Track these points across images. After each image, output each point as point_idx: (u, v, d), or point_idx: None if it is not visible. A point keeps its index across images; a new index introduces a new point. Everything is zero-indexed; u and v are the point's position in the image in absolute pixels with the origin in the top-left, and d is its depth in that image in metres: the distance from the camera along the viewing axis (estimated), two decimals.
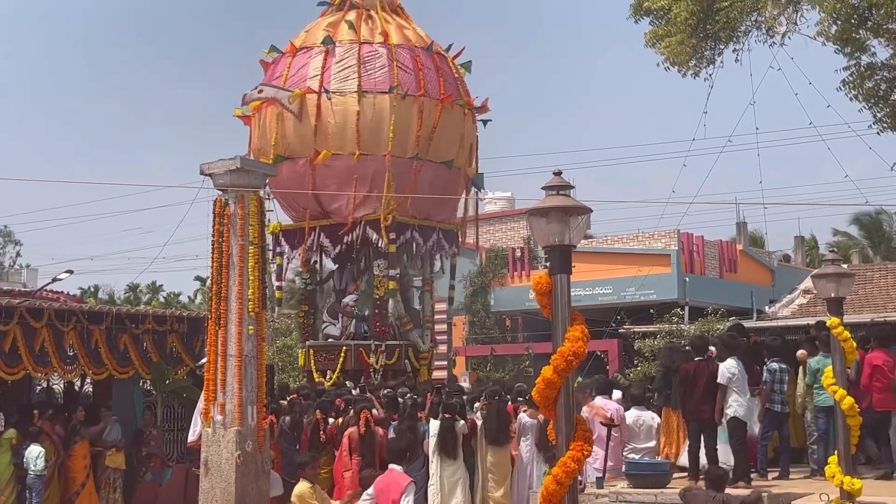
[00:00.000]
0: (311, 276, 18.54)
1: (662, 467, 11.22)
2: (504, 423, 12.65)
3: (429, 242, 17.93)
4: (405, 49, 17.38)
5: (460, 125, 17.76)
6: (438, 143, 16.99)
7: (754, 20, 13.72)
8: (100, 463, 14.85)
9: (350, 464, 13.02)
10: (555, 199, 5.09)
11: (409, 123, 16.79)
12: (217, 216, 12.93)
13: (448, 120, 17.40)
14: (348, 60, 17.11)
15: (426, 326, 18.44)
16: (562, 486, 4.75)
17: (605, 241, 28.17)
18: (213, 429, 12.50)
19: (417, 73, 17.13)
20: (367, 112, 16.77)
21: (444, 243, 18.39)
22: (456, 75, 18.08)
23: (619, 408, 12.43)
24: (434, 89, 17.25)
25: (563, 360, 4.85)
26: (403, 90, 16.86)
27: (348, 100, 16.80)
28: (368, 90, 16.82)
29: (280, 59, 17.82)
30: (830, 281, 9.13)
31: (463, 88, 18.10)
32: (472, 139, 18.37)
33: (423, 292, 18.74)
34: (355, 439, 13.03)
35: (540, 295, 5.14)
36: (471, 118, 18.28)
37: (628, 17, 14.40)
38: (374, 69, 17.04)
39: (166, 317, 16.12)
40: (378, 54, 17.13)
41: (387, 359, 17.51)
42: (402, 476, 9.46)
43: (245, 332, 12.61)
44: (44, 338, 14.19)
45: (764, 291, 29.63)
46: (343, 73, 17.00)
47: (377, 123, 16.69)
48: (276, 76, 17.62)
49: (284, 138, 17.05)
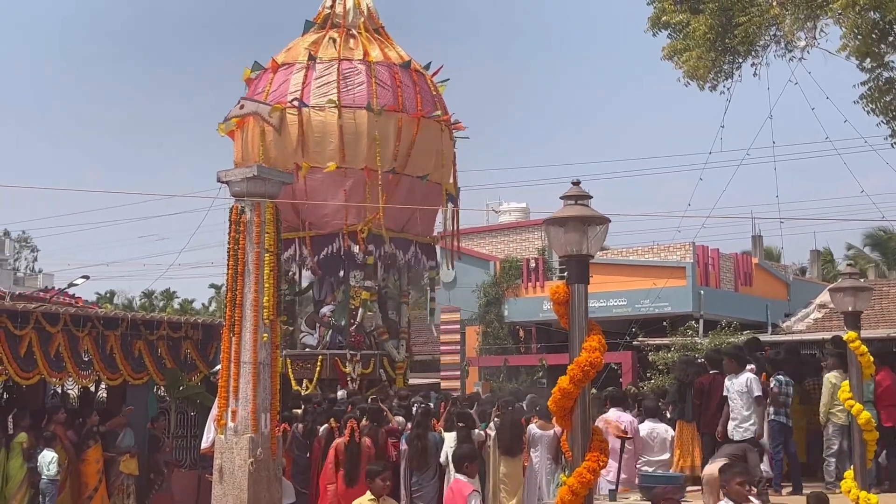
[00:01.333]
0: (290, 287, 18.79)
1: (677, 480, 11.15)
2: (517, 433, 12.61)
3: (406, 255, 18.14)
4: (384, 66, 17.77)
5: (437, 141, 18.12)
6: (416, 157, 17.33)
7: (773, 34, 13.71)
8: (113, 468, 14.87)
9: (334, 477, 12.89)
10: (573, 209, 5.07)
11: (387, 138, 17.16)
12: (233, 223, 12.96)
13: (425, 135, 17.76)
14: (328, 77, 17.50)
15: (402, 337, 18.66)
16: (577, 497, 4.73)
17: (620, 252, 28.08)
18: (226, 436, 12.50)
19: (396, 89, 17.55)
20: (347, 126, 17.16)
21: (423, 257, 18.62)
22: (434, 93, 18.45)
23: (632, 420, 12.40)
24: (411, 105, 17.62)
25: (580, 370, 4.83)
26: (381, 105, 17.14)
27: (328, 114, 17.18)
28: (347, 105, 17.20)
29: (262, 75, 18.27)
30: (848, 295, 9.09)
31: (441, 105, 18.42)
32: (450, 155, 18.72)
33: (400, 304, 18.94)
34: (342, 451, 12.90)
35: (557, 304, 5.12)
36: (448, 135, 18.56)
37: (646, 30, 14.42)
38: (353, 85, 17.43)
39: (181, 323, 16.15)
40: (357, 71, 17.54)
41: (363, 368, 17.72)
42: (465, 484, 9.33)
43: (259, 340, 12.62)
44: (59, 342, 14.23)
45: (779, 305, 29.50)
46: (323, 88, 17.40)
47: (356, 138, 17.06)
48: (258, 92, 18.00)
49: (266, 152, 17.40)
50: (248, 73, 18.34)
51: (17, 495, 13.80)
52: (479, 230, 31.39)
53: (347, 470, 12.70)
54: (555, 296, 5.15)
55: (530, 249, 29.90)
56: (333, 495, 12.74)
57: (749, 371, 11.18)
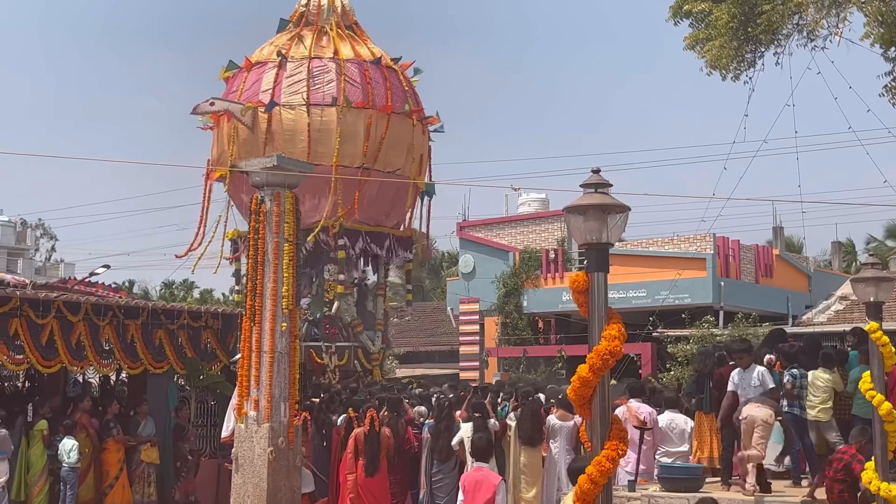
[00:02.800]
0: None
1: (696, 471, 11.12)
2: (538, 423, 12.61)
3: (382, 249, 18.32)
4: (354, 63, 17.94)
5: (409, 136, 18.22)
6: (386, 153, 17.51)
7: (796, 23, 13.60)
8: (134, 457, 14.96)
9: (354, 466, 12.91)
10: (593, 197, 5.04)
11: (356, 134, 17.31)
12: (253, 213, 13.01)
13: (396, 131, 17.89)
14: (298, 75, 17.69)
15: (378, 329, 18.85)
16: (596, 486, 4.71)
17: (640, 243, 27.95)
18: (245, 424, 12.56)
19: (366, 86, 17.71)
20: (316, 124, 17.35)
21: (399, 250, 18.81)
22: (406, 87, 18.56)
23: (651, 411, 12.37)
24: (382, 101, 17.78)
25: (600, 359, 4.80)
26: (350, 102, 17.41)
27: (298, 112, 17.39)
28: (316, 103, 17.42)
29: (238, 73, 18.50)
30: (870, 285, 9.00)
31: (413, 100, 18.55)
32: (422, 150, 18.86)
33: (376, 296, 19.14)
34: (361, 441, 12.90)
35: (577, 293, 5.10)
36: (420, 129, 18.63)
37: (667, 19, 14.34)
38: (323, 83, 17.63)
39: (201, 313, 16.23)
40: (327, 69, 17.72)
41: (338, 360, 17.93)
42: (492, 474, 9.29)
43: (278, 329, 12.66)
44: (80, 331, 14.32)
45: (800, 297, 29.32)
46: (293, 86, 17.61)
47: (325, 135, 17.23)
48: (233, 90, 18.27)
49: (240, 148, 17.67)
50: (224, 71, 18.62)
51: (38, 482, 13.92)
52: (498, 221, 31.31)
53: (367, 459, 12.73)
54: (574, 284, 5.12)
55: (549, 240, 29.80)
56: (353, 485, 12.77)
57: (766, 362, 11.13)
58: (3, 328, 13.44)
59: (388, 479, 12.92)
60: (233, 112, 17.38)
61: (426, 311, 38.76)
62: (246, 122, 17.35)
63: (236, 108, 17.37)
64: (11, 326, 13.50)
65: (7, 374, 18.90)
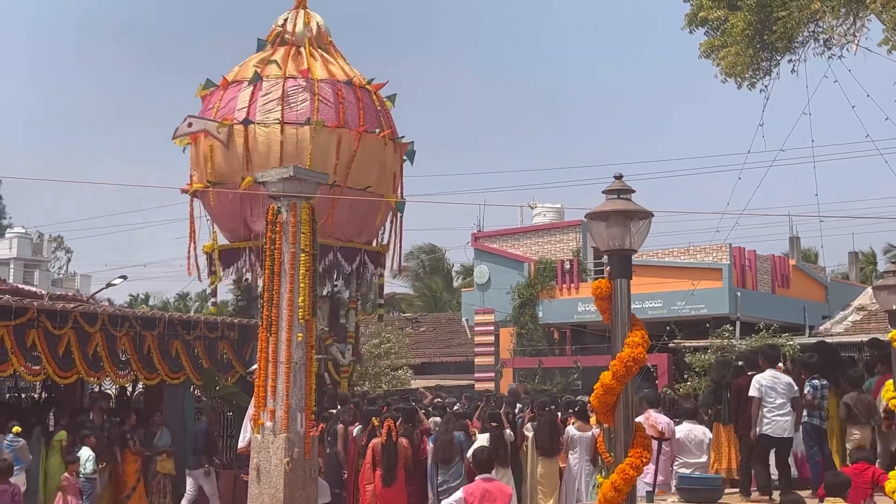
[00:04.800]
0: (243, 293, 19.10)
1: (715, 482, 11.05)
2: (555, 434, 12.56)
3: (353, 263, 18.47)
4: (328, 83, 18.18)
5: (380, 154, 18.45)
6: (357, 171, 17.70)
7: (812, 31, 13.56)
8: (151, 468, 14.96)
9: (373, 476, 12.89)
10: (615, 203, 5.00)
11: (328, 153, 17.51)
12: (269, 223, 13.01)
13: (367, 149, 18.10)
14: (273, 94, 17.94)
15: (349, 341, 18.95)
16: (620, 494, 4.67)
17: (655, 254, 27.88)
18: (262, 435, 12.53)
19: (338, 105, 17.94)
20: (289, 142, 17.56)
21: (370, 265, 18.93)
22: (379, 107, 18.81)
23: (669, 421, 12.30)
24: (353, 121, 18.01)
25: (623, 366, 4.77)
26: (322, 122, 17.65)
27: (271, 130, 17.63)
28: (290, 122, 17.66)
29: (214, 92, 18.78)
30: (892, 293, 8.94)
31: (386, 120, 18.82)
32: (394, 167, 19.08)
33: (348, 309, 19.25)
34: (378, 451, 12.89)
35: (599, 300, 5.06)
36: (392, 148, 18.86)
37: (683, 26, 14.31)
38: (297, 102, 17.89)
39: (217, 323, 16.23)
40: (301, 88, 17.98)
41: None
42: (503, 485, 9.24)
43: (294, 339, 12.64)
44: (97, 342, 14.33)
45: (817, 307, 29.18)
46: (268, 105, 17.87)
47: (298, 153, 17.43)
48: (209, 108, 18.54)
49: (216, 166, 17.94)
50: (202, 89, 18.85)
51: (57, 493, 13.91)
52: (512, 231, 31.29)
53: (385, 470, 12.70)
54: (597, 291, 5.08)
55: (564, 251, 29.75)
56: (372, 495, 12.75)
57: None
58: (21, 339, 13.45)
59: (405, 490, 12.88)
60: (209, 130, 17.72)
61: (441, 321, 38.75)
62: (221, 139, 17.63)
63: (212, 126, 17.76)
64: (29, 337, 13.52)
65: (24, 385, 18.97)
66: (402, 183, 19.50)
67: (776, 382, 10.72)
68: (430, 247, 47.51)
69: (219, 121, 17.74)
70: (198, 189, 18.18)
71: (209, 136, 17.79)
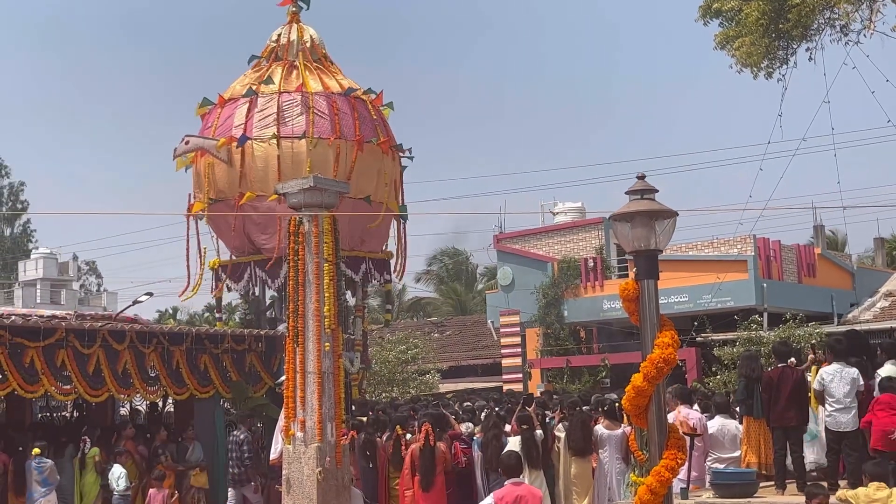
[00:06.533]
0: (251, 306, 19.24)
1: (749, 476, 10.97)
2: (588, 433, 12.53)
3: (359, 272, 18.45)
4: (322, 96, 18.21)
5: (378, 163, 18.43)
6: (356, 181, 17.62)
7: (827, 17, 13.45)
8: (184, 482, 15.02)
9: (412, 482, 12.88)
10: (639, 204, 4.96)
11: (326, 165, 17.54)
12: (292, 235, 13.05)
13: (365, 159, 18.11)
14: (269, 109, 18.01)
15: (357, 349, 18.88)
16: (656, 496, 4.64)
17: (680, 248, 27.74)
18: (293, 446, 12.57)
19: (333, 117, 17.95)
20: (286, 156, 17.63)
21: (375, 272, 18.94)
22: (375, 117, 18.83)
23: (701, 417, 12.23)
24: (350, 132, 18.02)
25: (654, 368, 4.73)
26: (318, 135, 17.72)
27: (269, 146, 17.69)
28: (286, 136, 17.74)
29: (212, 110, 18.89)
30: None
31: (382, 129, 18.84)
32: (394, 175, 19.06)
33: (354, 318, 19.24)
34: (417, 456, 12.87)
35: (627, 301, 5.03)
36: (391, 156, 18.89)
37: (697, 19, 14.24)
38: (293, 116, 17.94)
39: (244, 336, 16.28)
40: (296, 102, 18.05)
41: None
42: (533, 489, 9.20)
43: (322, 349, 12.67)
44: (126, 360, 14.43)
45: (844, 295, 28.95)
46: (264, 121, 17.94)
47: (296, 166, 17.44)
48: (207, 126, 18.64)
49: (216, 182, 18.04)
50: (200, 108, 19.09)
51: None
52: (534, 231, 31.22)
53: (423, 475, 12.72)
54: (624, 293, 5.05)
55: (587, 249, 29.66)
56: (411, 501, 12.77)
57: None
58: (51, 359, 13.57)
59: (444, 495, 12.90)
60: (207, 148, 17.83)
61: (467, 324, 38.73)
62: (221, 156, 17.73)
63: (210, 145, 17.84)
64: (58, 357, 13.64)
65: (55, 404, 19.10)
66: (402, 189, 19.52)
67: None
68: (454, 250, 47.52)
69: (217, 139, 17.85)
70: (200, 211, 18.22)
71: (208, 155, 17.89)
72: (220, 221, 18.20)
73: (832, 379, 10.71)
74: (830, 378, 10.73)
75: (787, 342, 14.10)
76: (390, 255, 19.35)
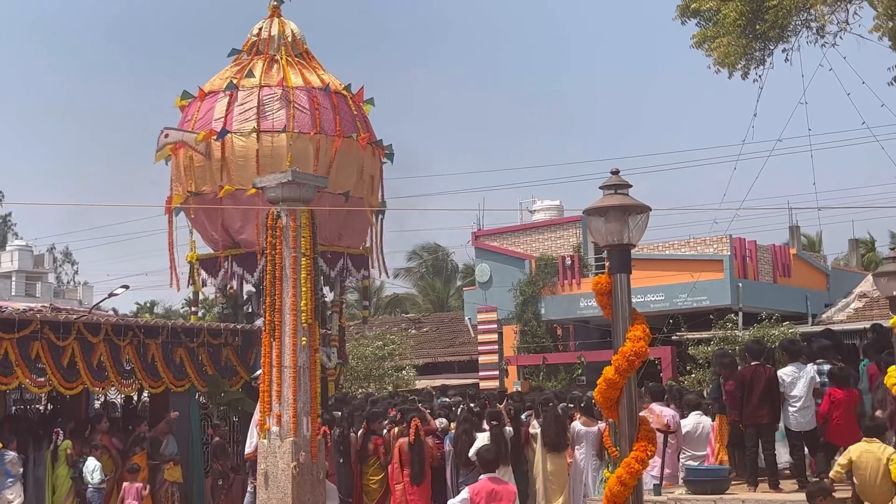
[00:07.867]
0: (228, 301, 19.19)
1: (722, 473, 11.07)
2: (562, 428, 12.59)
3: (336, 267, 18.45)
4: (303, 90, 18.23)
5: (358, 159, 18.47)
6: (336, 176, 17.67)
7: (804, 19, 13.55)
8: (158, 476, 14.97)
9: (401, 476, 12.95)
10: (613, 199, 5.01)
11: (306, 159, 17.55)
12: (269, 229, 13.05)
13: (345, 154, 18.13)
14: (249, 103, 18.02)
15: (333, 344, 18.94)
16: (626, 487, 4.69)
17: (656, 247, 27.89)
18: (269, 440, 12.56)
19: (314, 112, 17.98)
20: (266, 150, 17.63)
21: (352, 268, 18.93)
22: (355, 113, 18.86)
23: (674, 414, 12.32)
24: (330, 127, 18.04)
25: (626, 360, 4.78)
26: (299, 129, 17.74)
27: (249, 139, 17.70)
28: (266, 130, 17.73)
29: (192, 102, 18.86)
30: (892, 279, 8.96)
31: (363, 125, 18.88)
32: (373, 171, 19.11)
33: (332, 313, 19.26)
34: (405, 451, 12.94)
35: (600, 295, 5.07)
36: (371, 151, 18.90)
37: (674, 18, 14.31)
38: (273, 111, 17.96)
39: (220, 330, 16.26)
40: (276, 96, 18.07)
41: None
42: (508, 484, 9.25)
43: (298, 343, 12.68)
44: (101, 352, 14.36)
45: (819, 295, 29.18)
46: (244, 115, 17.95)
47: (276, 160, 17.40)
48: (187, 119, 18.62)
49: (195, 175, 18.02)
50: (179, 101, 19.00)
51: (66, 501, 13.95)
52: (513, 229, 31.29)
53: (413, 469, 12.78)
54: (597, 287, 5.10)
55: (565, 247, 29.76)
56: (402, 494, 12.83)
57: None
58: (25, 351, 13.48)
59: (430, 488, 13.00)
60: (186, 141, 17.80)
61: (444, 321, 38.77)
62: (200, 150, 17.70)
63: (190, 138, 17.81)
64: (33, 349, 13.55)
65: (30, 397, 18.98)
66: (382, 185, 19.53)
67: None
68: (435, 246, 47.49)
69: (196, 132, 17.80)
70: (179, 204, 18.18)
71: (187, 147, 17.85)
72: (199, 215, 18.14)
73: (792, 380, 10.83)
74: (791, 379, 10.85)
75: (760, 341, 14.19)
76: (368, 252, 19.36)
